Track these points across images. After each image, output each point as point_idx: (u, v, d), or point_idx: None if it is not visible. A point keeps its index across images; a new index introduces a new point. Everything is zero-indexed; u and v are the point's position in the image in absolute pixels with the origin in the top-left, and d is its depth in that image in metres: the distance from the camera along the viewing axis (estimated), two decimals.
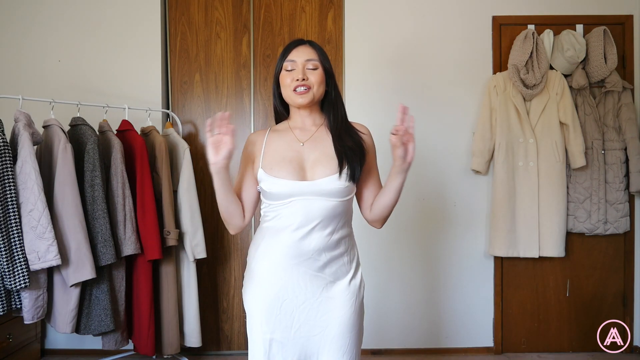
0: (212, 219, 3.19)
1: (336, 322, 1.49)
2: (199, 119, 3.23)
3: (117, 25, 3.18)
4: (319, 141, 1.57)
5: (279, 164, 1.51)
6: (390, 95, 3.19)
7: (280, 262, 1.50)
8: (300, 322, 1.49)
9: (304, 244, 1.48)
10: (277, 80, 1.60)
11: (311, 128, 1.60)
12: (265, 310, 1.50)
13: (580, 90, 3.09)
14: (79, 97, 2.88)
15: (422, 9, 3.21)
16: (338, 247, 1.52)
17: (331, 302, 1.50)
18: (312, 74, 1.55)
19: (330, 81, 1.60)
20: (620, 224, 3.08)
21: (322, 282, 1.50)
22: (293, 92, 1.54)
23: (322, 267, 1.50)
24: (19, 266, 2.17)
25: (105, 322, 2.49)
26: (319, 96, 1.57)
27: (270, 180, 1.50)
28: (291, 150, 1.54)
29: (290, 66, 1.55)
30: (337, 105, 1.61)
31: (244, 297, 1.58)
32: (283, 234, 1.50)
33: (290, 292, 1.49)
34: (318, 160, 1.52)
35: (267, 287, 1.51)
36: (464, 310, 3.22)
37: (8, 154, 2.19)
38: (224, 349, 3.23)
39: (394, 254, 3.21)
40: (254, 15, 3.22)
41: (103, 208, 2.44)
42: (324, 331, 1.49)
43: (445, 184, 3.21)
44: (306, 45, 1.59)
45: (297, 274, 1.49)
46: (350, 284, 1.53)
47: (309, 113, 1.60)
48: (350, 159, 1.51)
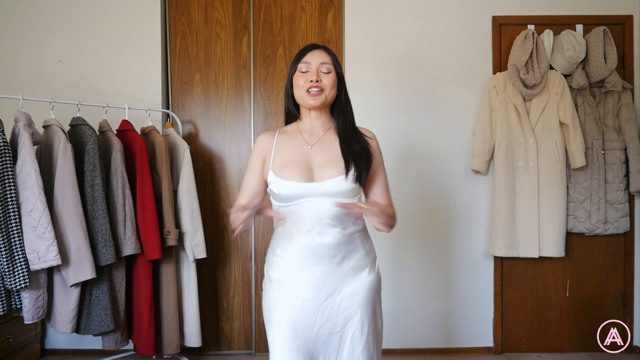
0: (212, 219, 3.19)
1: (357, 316, 1.54)
2: (199, 119, 3.23)
3: (117, 25, 3.18)
4: (327, 144, 1.61)
5: (287, 167, 1.56)
6: (390, 95, 3.20)
7: (298, 263, 1.55)
8: (322, 320, 1.53)
9: (318, 242, 1.52)
10: (290, 81, 1.64)
11: (319, 131, 1.64)
12: (287, 312, 1.53)
13: (580, 90, 3.09)
14: (79, 97, 2.89)
15: (422, 9, 3.22)
16: (352, 241, 1.57)
17: (352, 298, 1.55)
18: (325, 77, 1.59)
19: (342, 86, 1.64)
20: (620, 224, 3.08)
21: (342, 277, 1.55)
22: (306, 92, 1.58)
23: (340, 262, 1.54)
24: (19, 266, 2.17)
25: (105, 322, 2.49)
26: (331, 99, 1.62)
27: (280, 183, 1.54)
28: (299, 153, 1.59)
29: (304, 68, 1.60)
30: (347, 110, 1.66)
31: (264, 301, 1.62)
32: (297, 236, 1.54)
33: (311, 292, 1.53)
34: (325, 162, 1.57)
35: (287, 289, 1.55)
36: (464, 310, 3.22)
37: (8, 154, 2.19)
38: (224, 349, 3.23)
39: (394, 254, 3.21)
40: (254, 15, 3.22)
41: (103, 208, 2.44)
42: (345, 327, 1.54)
43: (446, 184, 3.21)
44: (321, 50, 1.63)
45: (317, 273, 1.53)
46: (368, 276, 1.59)
47: (318, 115, 1.64)
48: (357, 161, 1.55)
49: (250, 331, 3.23)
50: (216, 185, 3.21)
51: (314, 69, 1.58)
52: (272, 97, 3.22)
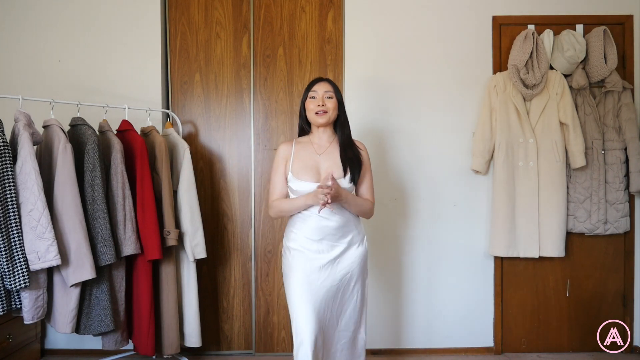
0: (212, 219, 3.19)
1: (350, 273, 2.16)
2: (199, 119, 3.23)
3: (117, 26, 3.18)
4: (331, 153, 2.20)
5: (303, 170, 2.15)
6: (390, 95, 3.19)
7: (310, 237, 2.14)
8: (326, 274, 2.13)
9: (324, 224, 2.12)
10: (304, 105, 2.24)
11: (326, 143, 2.23)
12: (302, 267, 2.13)
13: (580, 90, 3.09)
14: (79, 97, 2.89)
15: (422, 9, 3.22)
16: (348, 224, 2.17)
17: (346, 261, 2.16)
18: (329, 102, 2.18)
19: (341, 108, 2.23)
20: (620, 224, 3.08)
21: (339, 249, 2.15)
22: (315, 114, 2.18)
23: (339, 238, 2.15)
24: (18, 266, 2.17)
25: (105, 322, 2.49)
26: (333, 118, 2.20)
27: (297, 182, 2.14)
28: (311, 160, 2.18)
29: (313, 95, 2.20)
30: (345, 125, 2.25)
31: (284, 264, 2.21)
32: (310, 219, 2.13)
33: (319, 256, 2.13)
34: (330, 167, 2.15)
35: (302, 253, 2.15)
36: (464, 310, 3.22)
37: (8, 154, 2.19)
38: (224, 349, 3.24)
39: (394, 254, 3.21)
40: (254, 15, 3.22)
41: (103, 208, 2.44)
42: (343, 278, 2.15)
43: (446, 184, 3.21)
44: (325, 82, 2.23)
45: (322, 244, 2.14)
46: (358, 249, 2.19)
47: (324, 130, 2.23)
48: (352, 166, 2.15)
49: (250, 331, 3.23)
50: (216, 185, 3.21)
51: (320, 96, 2.18)
52: (272, 97, 3.22)
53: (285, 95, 3.21)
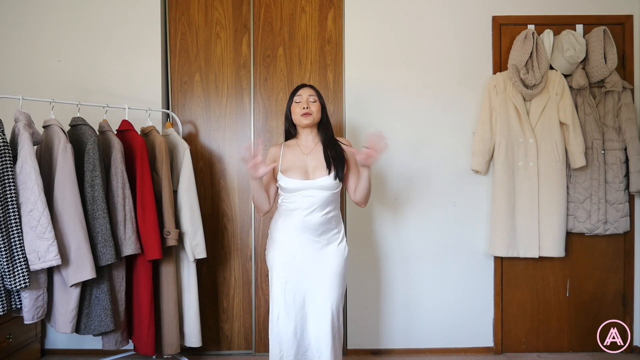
0: (212, 219, 3.19)
1: (328, 270, 2.26)
2: (199, 119, 3.23)
3: (117, 26, 3.18)
4: (316, 153, 2.34)
5: (291, 169, 2.29)
6: (390, 95, 3.20)
7: (292, 232, 2.27)
8: (305, 269, 2.25)
9: (308, 220, 2.25)
10: (289, 109, 2.38)
11: (311, 144, 2.36)
12: (283, 262, 2.26)
13: (580, 90, 3.09)
14: (79, 97, 2.89)
15: (421, 9, 3.22)
16: (330, 222, 2.30)
17: (325, 257, 2.27)
18: (312, 105, 2.34)
19: (324, 111, 2.39)
20: (620, 224, 3.08)
21: (319, 245, 2.28)
22: (300, 116, 2.32)
23: (320, 235, 2.27)
24: (19, 266, 2.17)
25: (105, 322, 2.49)
26: (317, 119, 2.35)
27: (286, 180, 2.27)
28: (299, 160, 2.32)
29: (298, 99, 2.35)
30: (328, 127, 2.40)
31: (267, 255, 2.34)
32: (294, 214, 2.27)
33: (300, 250, 2.26)
34: (316, 166, 2.30)
35: (284, 247, 2.28)
36: (464, 310, 3.22)
37: (8, 154, 2.19)
38: (224, 349, 3.24)
39: (393, 254, 3.21)
40: (254, 15, 3.22)
41: (103, 208, 2.44)
42: (321, 276, 2.25)
43: (445, 184, 3.21)
44: (308, 87, 2.39)
45: (304, 239, 2.27)
46: (338, 247, 2.31)
47: (310, 131, 2.37)
48: (335, 165, 2.29)
49: (250, 331, 3.24)
50: (216, 185, 3.21)
51: (305, 99, 2.33)
52: (272, 97, 3.22)
53: (285, 95, 3.21)
